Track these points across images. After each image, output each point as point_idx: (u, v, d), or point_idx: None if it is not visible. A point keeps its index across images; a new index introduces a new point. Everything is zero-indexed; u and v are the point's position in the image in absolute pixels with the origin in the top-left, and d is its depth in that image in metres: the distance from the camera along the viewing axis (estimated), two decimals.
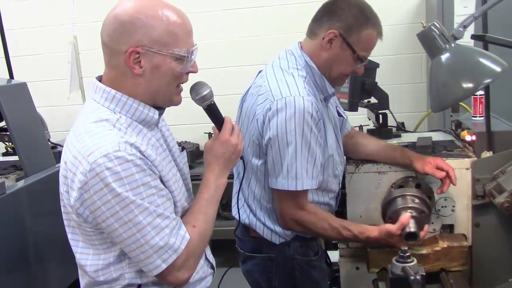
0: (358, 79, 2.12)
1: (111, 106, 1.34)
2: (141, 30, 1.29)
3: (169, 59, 1.31)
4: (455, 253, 1.66)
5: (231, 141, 1.42)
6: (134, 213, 1.25)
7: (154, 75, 1.32)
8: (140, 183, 1.25)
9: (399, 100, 1.93)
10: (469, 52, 1.38)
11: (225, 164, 1.44)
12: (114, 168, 1.23)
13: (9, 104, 2.29)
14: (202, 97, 1.40)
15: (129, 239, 1.27)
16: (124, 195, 1.24)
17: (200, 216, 1.38)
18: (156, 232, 1.27)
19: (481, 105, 1.93)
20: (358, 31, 1.69)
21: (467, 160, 1.76)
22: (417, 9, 3.96)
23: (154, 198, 1.28)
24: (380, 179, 1.80)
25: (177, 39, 1.32)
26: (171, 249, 1.29)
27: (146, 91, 1.34)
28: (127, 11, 1.31)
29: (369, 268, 1.72)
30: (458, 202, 1.77)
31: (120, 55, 1.31)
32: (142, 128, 1.35)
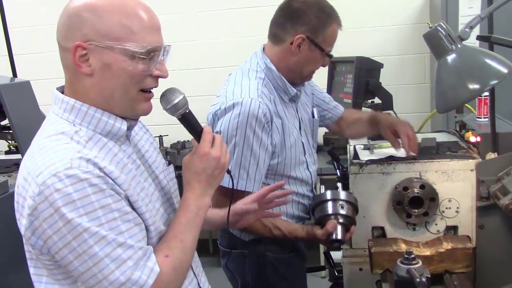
0: (362, 80, 2.13)
1: (70, 117, 1.17)
2: (87, 22, 1.12)
3: (121, 57, 1.13)
4: (459, 255, 1.65)
5: (211, 154, 1.23)
6: (88, 243, 1.06)
7: (105, 75, 1.14)
8: (97, 206, 1.07)
9: (402, 101, 1.94)
10: (475, 53, 1.37)
11: (208, 180, 1.25)
12: (64, 190, 1.04)
13: (13, 103, 2.29)
14: (174, 105, 1.23)
15: (85, 273, 1.08)
16: (75, 221, 1.05)
17: (176, 243, 1.19)
18: (116, 266, 1.08)
19: (486, 106, 1.93)
20: (323, 30, 1.77)
21: (472, 161, 1.75)
22: (421, 9, 3.95)
23: (117, 224, 1.09)
24: (384, 180, 1.79)
25: (131, 33, 1.13)
26: (135, 285, 1.09)
27: (99, 95, 1.16)
28: (76, 3, 1.15)
29: (372, 269, 1.71)
30: (462, 204, 1.76)
31: (67, 53, 1.15)
32: (107, 142, 1.18)
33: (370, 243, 1.73)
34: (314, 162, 2.03)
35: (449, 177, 1.76)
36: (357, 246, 1.85)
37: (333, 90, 2.41)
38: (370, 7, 4.00)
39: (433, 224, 1.78)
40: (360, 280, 1.81)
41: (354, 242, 1.85)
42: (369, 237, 1.82)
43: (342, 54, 2.42)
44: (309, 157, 1.96)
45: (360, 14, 4.02)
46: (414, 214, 1.75)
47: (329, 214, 1.73)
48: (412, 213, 1.75)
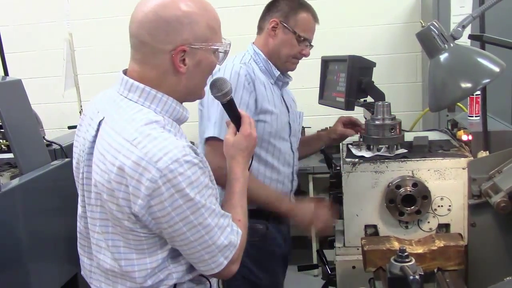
0: (355, 78, 2.13)
1: (152, 106, 1.32)
2: (187, 28, 1.28)
3: (209, 54, 1.34)
4: (452, 253, 1.66)
5: (253, 135, 1.51)
6: (204, 216, 1.27)
7: (196, 71, 1.34)
8: (204, 185, 1.27)
9: (394, 99, 1.95)
10: (468, 52, 1.38)
11: (248, 156, 1.52)
12: (185, 173, 1.22)
13: (4, 101, 2.28)
14: (225, 93, 1.46)
15: (196, 241, 1.28)
16: (196, 199, 1.24)
17: (240, 210, 1.44)
18: (221, 232, 1.31)
19: (477, 104, 1.94)
20: (295, 15, 2.04)
21: (464, 159, 1.76)
22: (412, 8, 3.97)
23: (213, 199, 1.32)
24: (377, 179, 1.80)
25: (215, 33, 1.35)
26: (232, 246, 1.34)
27: (186, 88, 1.36)
28: (170, 8, 1.28)
29: (365, 267, 1.71)
30: (454, 202, 1.77)
31: (164, 54, 1.29)
32: (180, 128, 1.38)
33: (363, 241, 1.74)
34: (297, 150, 2.23)
35: (441, 175, 1.77)
36: (350, 244, 1.86)
37: (326, 89, 2.41)
38: (362, 6, 4.02)
39: (425, 222, 1.79)
40: (353, 278, 1.82)
41: (347, 240, 1.86)
42: (362, 235, 1.83)
43: (335, 53, 2.43)
44: (294, 140, 2.18)
45: (352, 13, 4.03)
46: (406, 212, 1.76)
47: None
48: (404, 211, 1.76)
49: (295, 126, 2.20)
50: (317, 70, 2.44)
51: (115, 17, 4.22)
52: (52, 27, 4.13)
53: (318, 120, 3.48)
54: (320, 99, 2.42)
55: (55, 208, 2.44)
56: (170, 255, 1.34)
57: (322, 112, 2.39)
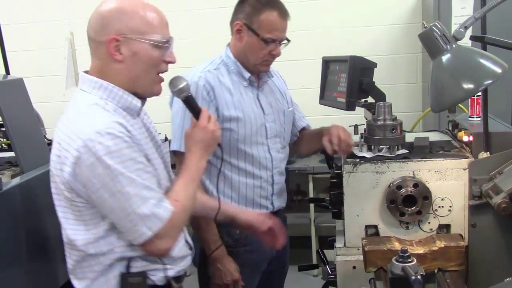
0: (356, 79, 2.13)
1: (99, 93, 1.47)
2: (119, 20, 1.44)
3: (147, 46, 1.45)
4: (452, 253, 1.66)
5: (209, 128, 1.57)
6: (122, 184, 1.37)
7: (134, 61, 1.45)
8: (128, 157, 1.38)
9: (395, 100, 1.95)
10: (470, 53, 1.38)
11: (205, 148, 1.58)
12: (105, 143, 1.35)
13: (5, 100, 2.28)
14: (179, 89, 1.55)
15: (118, 208, 1.38)
16: (114, 167, 1.35)
17: (183, 193, 1.51)
18: (143, 202, 1.39)
19: (478, 105, 1.95)
20: (258, 16, 1.95)
21: (464, 160, 1.76)
22: (413, 9, 3.98)
23: (141, 173, 1.40)
24: (378, 179, 1.81)
25: (153, 27, 1.46)
26: (156, 218, 1.41)
27: (127, 77, 1.47)
28: (109, 6, 1.47)
29: (366, 268, 1.71)
30: (455, 202, 1.77)
31: (103, 45, 1.45)
32: (126, 115, 1.48)
33: (363, 242, 1.74)
34: (281, 150, 2.17)
35: (442, 176, 1.77)
36: (350, 244, 1.86)
37: (327, 89, 2.41)
38: (363, 6, 4.02)
39: (426, 223, 1.80)
40: (353, 279, 1.82)
41: (348, 240, 1.86)
42: (362, 236, 1.83)
43: (336, 53, 2.44)
44: (273, 142, 2.12)
45: (353, 14, 4.03)
46: (407, 213, 1.76)
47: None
48: (405, 211, 1.76)
49: (274, 127, 2.13)
50: (318, 70, 2.44)
51: None
52: (53, 26, 4.13)
53: (319, 120, 3.48)
54: (321, 99, 2.42)
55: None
56: (115, 229, 1.44)
57: (322, 112, 2.38)
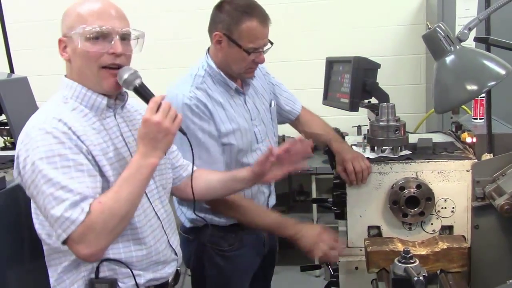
0: (360, 79, 2.13)
1: (65, 92, 1.49)
2: (63, 21, 1.48)
3: (80, 40, 1.42)
4: (455, 254, 1.67)
5: (151, 120, 1.39)
6: (40, 182, 1.33)
7: (75, 58, 1.46)
8: (56, 153, 1.34)
9: (398, 101, 1.95)
10: (473, 55, 1.38)
11: (151, 144, 1.41)
12: (34, 138, 1.35)
13: (10, 98, 2.28)
14: (125, 80, 1.45)
15: (41, 207, 1.36)
16: (36, 163, 1.33)
17: (111, 194, 1.37)
18: (57, 203, 1.32)
19: (482, 107, 1.94)
20: (237, 27, 1.85)
21: (468, 162, 1.76)
22: (417, 10, 3.97)
23: (69, 170, 1.34)
24: (381, 180, 1.81)
25: (82, 19, 1.43)
26: (68, 220, 1.32)
27: (77, 74, 1.48)
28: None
29: (368, 268, 1.72)
30: (457, 204, 1.77)
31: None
32: (88, 113, 1.47)
33: (366, 242, 1.74)
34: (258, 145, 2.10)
35: (445, 177, 1.77)
36: (353, 245, 1.86)
37: (330, 89, 2.41)
38: (367, 7, 4.02)
39: (428, 224, 1.80)
40: (356, 279, 1.83)
41: (350, 241, 1.86)
42: (365, 236, 1.83)
43: (339, 54, 2.44)
44: (264, 145, 2.05)
45: (357, 15, 4.03)
46: (410, 214, 1.76)
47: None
48: (408, 212, 1.76)
49: (263, 129, 2.07)
50: (322, 71, 2.44)
51: None
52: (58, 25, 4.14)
53: None
54: (324, 99, 2.43)
55: None
56: None
57: (326, 113, 2.38)
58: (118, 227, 1.38)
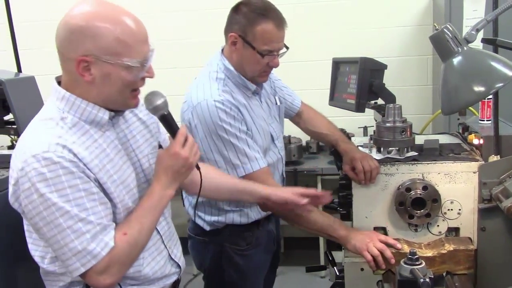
0: (366, 80, 2.13)
1: (61, 105, 1.36)
2: (89, 39, 1.28)
3: (119, 69, 1.31)
4: (461, 256, 1.66)
5: (181, 154, 1.40)
6: (55, 215, 1.26)
7: (105, 83, 1.32)
8: (66, 185, 1.26)
9: (404, 102, 1.94)
10: (481, 56, 1.38)
11: (173, 176, 1.41)
12: (40, 169, 1.25)
13: (17, 98, 2.29)
14: (155, 107, 1.41)
15: (52, 239, 1.29)
16: (47, 196, 1.25)
17: (134, 224, 1.36)
18: (76, 236, 1.27)
19: (489, 108, 1.93)
20: (252, 28, 1.85)
21: (474, 163, 1.76)
22: (424, 11, 3.96)
23: (83, 201, 1.28)
24: (387, 181, 1.80)
25: (127, 48, 1.30)
26: (89, 255, 1.28)
27: (98, 97, 1.35)
28: (78, 18, 1.30)
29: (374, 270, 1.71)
30: (464, 206, 1.77)
31: (71, 62, 1.31)
32: (89, 129, 1.36)
33: None
34: (284, 147, 2.17)
35: (451, 179, 1.77)
36: None
37: (336, 90, 2.40)
38: (374, 8, 4.01)
39: (435, 226, 1.79)
40: (361, 280, 1.82)
41: None
42: None
43: (346, 55, 2.43)
44: (279, 143, 2.10)
45: (364, 15, 4.02)
46: (416, 215, 1.76)
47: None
48: (414, 214, 1.76)
49: (277, 127, 2.10)
50: (328, 72, 2.44)
51: None
52: None
53: None
54: (331, 100, 2.42)
55: None
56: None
57: (332, 113, 2.38)
58: (138, 255, 1.41)
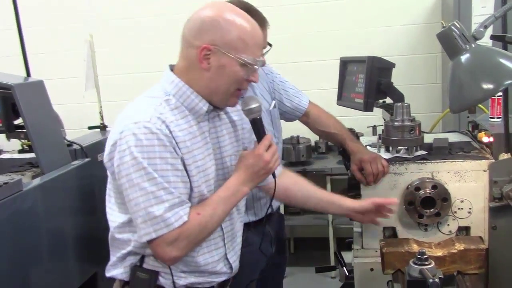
0: (374, 79, 2.11)
1: (168, 88, 1.48)
2: (216, 30, 1.41)
3: (235, 63, 1.42)
4: (472, 256, 1.64)
5: (263, 157, 1.49)
6: (143, 178, 1.36)
7: (219, 73, 1.44)
8: (157, 155, 1.37)
9: (413, 101, 1.93)
10: (489, 53, 1.36)
11: (252, 175, 1.50)
12: (138, 135, 1.36)
13: (26, 102, 2.31)
14: (250, 109, 1.52)
15: (133, 200, 1.37)
16: (139, 160, 1.35)
17: (208, 208, 1.45)
18: (156, 202, 1.36)
19: (499, 106, 1.92)
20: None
21: (485, 161, 1.74)
22: (433, 9, 3.93)
23: (167, 174, 1.38)
24: (396, 180, 1.79)
25: (246, 47, 1.43)
26: (164, 222, 1.37)
27: (207, 86, 1.46)
28: (210, 13, 1.44)
29: (384, 270, 1.70)
30: (474, 204, 1.75)
31: (194, 49, 1.43)
32: (188, 115, 1.47)
33: (381, 243, 1.73)
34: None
35: (461, 178, 1.75)
36: (368, 246, 1.85)
37: (344, 89, 2.39)
38: (382, 6, 3.99)
39: (445, 225, 1.78)
40: (371, 280, 1.81)
41: (365, 242, 1.85)
42: (380, 237, 1.82)
43: (354, 54, 2.42)
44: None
45: (372, 14, 4.01)
46: (426, 215, 1.74)
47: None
48: (424, 213, 1.74)
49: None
50: (336, 71, 2.43)
51: (135, 18, 4.26)
52: (73, 28, 4.19)
53: None
54: (339, 100, 2.41)
55: (75, 207, 2.47)
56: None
57: (340, 113, 2.37)
58: (204, 239, 1.49)
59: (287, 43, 4.04)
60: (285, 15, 4.07)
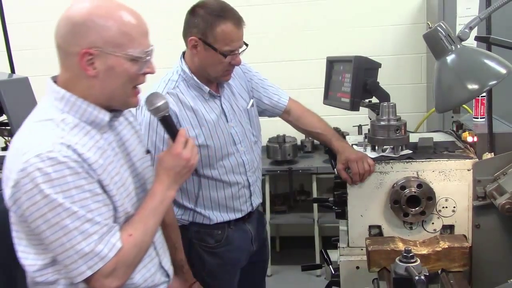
0: (360, 79, 2.13)
1: (60, 105, 1.32)
2: (93, 31, 1.27)
3: (124, 60, 1.30)
4: (456, 254, 1.66)
5: (183, 155, 1.41)
6: (61, 216, 1.22)
7: (109, 76, 1.30)
8: (72, 186, 1.23)
9: (399, 100, 1.95)
10: (474, 54, 1.38)
11: (175, 177, 1.42)
12: (44, 169, 1.20)
13: (11, 99, 2.29)
14: (156, 108, 1.43)
15: (56, 242, 1.24)
16: (52, 197, 1.21)
17: (139, 225, 1.35)
18: (83, 238, 1.24)
19: (483, 106, 1.94)
20: (212, 31, 1.85)
21: (469, 161, 1.76)
22: (418, 10, 3.97)
23: (87, 203, 1.25)
24: (382, 179, 1.81)
25: (131, 39, 1.30)
26: (97, 256, 1.25)
27: (101, 93, 1.32)
28: (80, 12, 1.28)
29: (369, 268, 1.71)
30: (458, 203, 1.78)
31: (73, 57, 1.28)
32: (90, 130, 1.33)
33: (367, 242, 1.73)
34: (253, 148, 2.11)
35: (446, 177, 1.77)
36: (354, 244, 1.86)
37: (331, 89, 2.40)
38: (368, 6, 4.02)
39: (429, 223, 1.80)
40: (357, 278, 1.83)
41: (351, 240, 1.87)
42: (366, 236, 1.83)
43: (340, 53, 2.43)
44: (242, 146, 2.06)
45: (358, 14, 4.03)
46: (411, 213, 1.76)
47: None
48: (409, 212, 1.76)
49: (240, 130, 2.06)
50: (322, 70, 2.44)
51: None
52: None
53: None
54: (325, 99, 2.42)
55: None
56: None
57: (326, 112, 2.38)
58: (142, 257, 1.39)
59: (274, 42, 4.05)
60: (272, 15, 4.08)
